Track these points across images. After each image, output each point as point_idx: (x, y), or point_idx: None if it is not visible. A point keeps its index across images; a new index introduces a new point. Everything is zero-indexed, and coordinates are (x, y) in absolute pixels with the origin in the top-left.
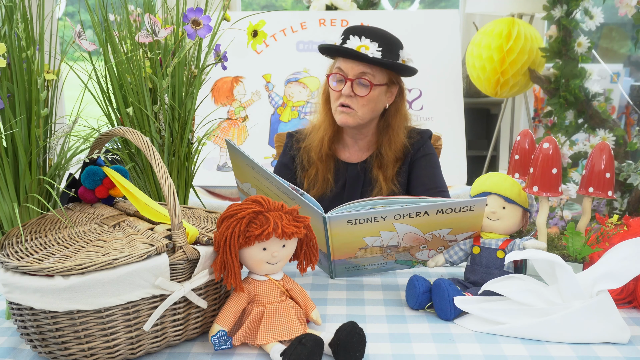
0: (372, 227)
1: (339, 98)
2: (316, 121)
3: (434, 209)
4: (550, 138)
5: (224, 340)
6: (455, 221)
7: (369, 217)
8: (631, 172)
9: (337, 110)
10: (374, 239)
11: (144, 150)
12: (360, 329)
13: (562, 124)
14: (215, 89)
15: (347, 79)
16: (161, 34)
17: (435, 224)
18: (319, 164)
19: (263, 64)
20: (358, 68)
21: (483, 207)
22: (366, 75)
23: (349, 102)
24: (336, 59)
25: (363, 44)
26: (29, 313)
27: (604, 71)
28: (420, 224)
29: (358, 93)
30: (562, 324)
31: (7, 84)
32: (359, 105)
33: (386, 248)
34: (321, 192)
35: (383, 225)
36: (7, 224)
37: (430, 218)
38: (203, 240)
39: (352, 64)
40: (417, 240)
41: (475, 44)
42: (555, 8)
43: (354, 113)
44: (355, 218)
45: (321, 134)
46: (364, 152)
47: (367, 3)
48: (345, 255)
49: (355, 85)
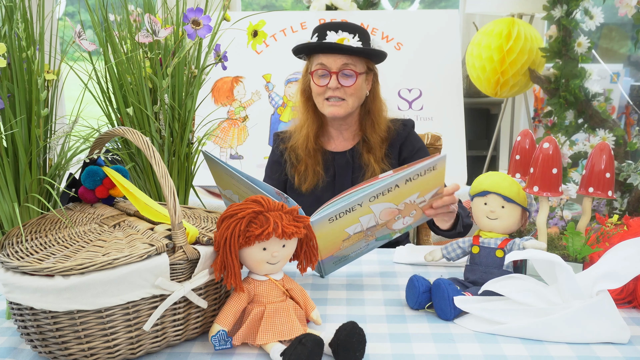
0: (351, 217)
1: (325, 92)
2: (299, 120)
3: (403, 179)
4: (550, 138)
5: (224, 340)
6: (422, 184)
7: (347, 208)
8: (631, 172)
9: (324, 104)
10: (355, 226)
11: (144, 150)
12: (360, 329)
13: (562, 124)
14: (215, 89)
15: (331, 73)
16: (161, 34)
17: (406, 193)
18: (308, 159)
19: (263, 64)
20: (340, 60)
21: (444, 162)
22: (349, 66)
23: (337, 94)
24: (313, 56)
25: (342, 37)
26: (29, 313)
27: (604, 71)
28: (393, 197)
29: (344, 84)
30: (562, 324)
31: (7, 84)
32: (348, 95)
33: (366, 231)
34: (313, 184)
35: (361, 211)
36: (8, 224)
37: (400, 189)
38: (203, 240)
39: (334, 57)
40: (392, 213)
41: (475, 44)
42: (555, 8)
43: (344, 103)
44: (335, 214)
45: (305, 132)
46: (349, 142)
47: (367, 3)
48: (331, 252)
49: (340, 77)
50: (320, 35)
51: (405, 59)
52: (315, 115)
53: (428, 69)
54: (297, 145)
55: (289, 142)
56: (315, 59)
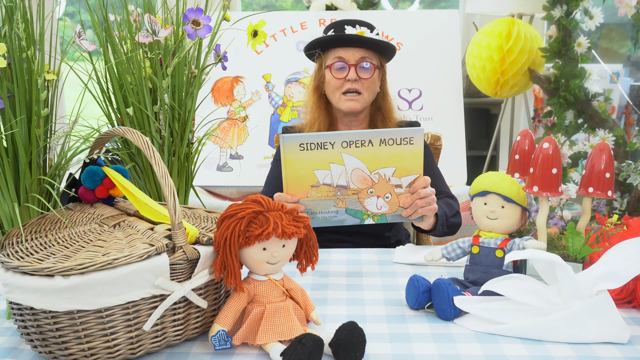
0: (322, 156)
1: (343, 85)
2: (310, 118)
3: (378, 138)
4: (550, 138)
5: (224, 340)
6: (397, 158)
7: (319, 141)
8: (631, 172)
9: (341, 99)
10: (325, 173)
11: (144, 150)
12: (360, 329)
13: (561, 124)
14: (215, 89)
15: (350, 65)
16: (161, 34)
17: (380, 160)
18: None
19: (263, 64)
20: (358, 53)
21: (422, 139)
22: (366, 59)
23: (356, 87)
24: (330, 51)
25: (361, 30)
26: (29, 313)
27: (604, 71)
28: (365, 156)
29: (363, 76)
30: (562, 323)
31: (7, 84)
32: (364, 88)
33: (336, 189)
34: None
35: (332, 154)
36: (8, 224)
37: (374, 150)
38: (203, 240)
39: (352, 50)
40: (364, 180)
41: (475, 44)
42: (555, 8)
43: (361, 97)
44: (306, 142)
45: (317, 129)
46: None
47: (367, 3)
48: (299, 194)
49: (358, 69)
50: (337, 30)
51: (405, 59)
52: (327, 113)
53: (428, 69)
54: None
55: None
56: (333, 53)
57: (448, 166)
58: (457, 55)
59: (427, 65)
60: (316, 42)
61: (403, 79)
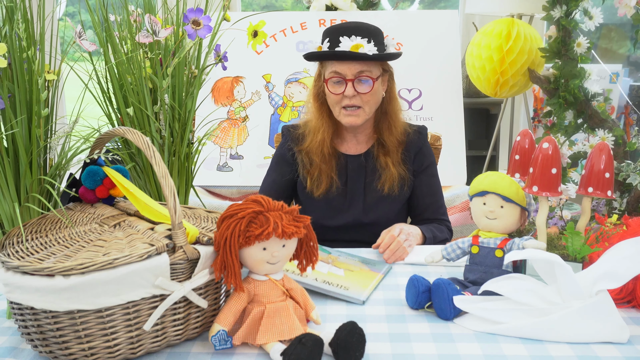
0: None
1: (342, 100)
2: (313, 124)
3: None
4: (550, 138)
5: (224, 340)
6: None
7: None
8: (630, 172)
9: (341, 114)
10: None
11: (144, 150)
12: (360, 329)
13: (561, 124)
14: (215, 89)
15: (347, 80)
16: (161, 34)
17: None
18: (322, 165)
19: (263, 64)
20: (355, 67)
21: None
22: (364, 72)
23: (354, 102)
24: (327, 63)
25: (356, 43)
26: (30, 313)
27: (603, 71)
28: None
29: (361, 91)
30: (562, 323)
31: (8, 84)
32: (364, 102)
33: None
34: (326, 190)
35: None
36: (8, 224)
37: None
38: (203, 240)
39: (348, 64)
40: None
41: (475, 44)
42: (555, 8)
43: (361, 111)
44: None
45: (321, 137)
46: (362, 145)
47: (367, 3)
48: None
49: (356, 84)
50: (332, 40)
51: (404, 59)
52: (331, 120)
53: (428, 69)
54: (311, 149)
55: (302, 143)
56: (329, 66)
57: (448, 166)
58: (456, 56)
59: (427, 65)
60: (312, 55)
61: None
